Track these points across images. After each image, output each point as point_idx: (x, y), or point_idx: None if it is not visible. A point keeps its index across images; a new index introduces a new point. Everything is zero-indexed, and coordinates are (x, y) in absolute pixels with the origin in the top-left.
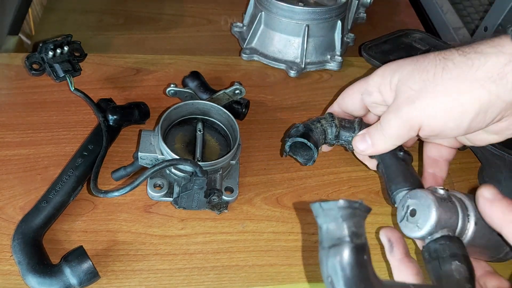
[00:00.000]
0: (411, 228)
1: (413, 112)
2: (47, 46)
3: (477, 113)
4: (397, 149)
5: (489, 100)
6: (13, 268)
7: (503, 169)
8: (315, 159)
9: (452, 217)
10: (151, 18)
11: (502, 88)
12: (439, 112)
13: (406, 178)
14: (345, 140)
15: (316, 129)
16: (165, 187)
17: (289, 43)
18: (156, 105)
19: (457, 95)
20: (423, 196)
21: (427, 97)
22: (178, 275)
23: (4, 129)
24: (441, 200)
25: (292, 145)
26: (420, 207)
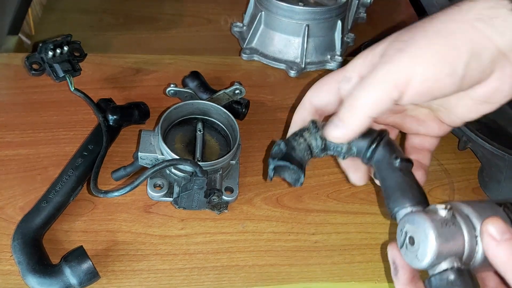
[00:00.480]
0: (411, 258)
1: (403, 60)
2: (47, 46)
3: (471, 55)
4: (393, 157)
5: (481, 41)
6: (13, 268)
7: (503, 169)
8: (302, 182)
9: (456, 244)
10: (151, 18)
11: (494, 30)
12: (431, 56)
13: (404, 193)
14: (334, 150)
15: (299, 145)
16: (165, 187)
17: (289, 43)
18: (156, 105)
19: (448, 35)
20: (420, 222)
21: (419, 41)
22: (178, 275)
23: (4, 129)
24: (442, 224)
25: (277, 167)
26: (418, 235)
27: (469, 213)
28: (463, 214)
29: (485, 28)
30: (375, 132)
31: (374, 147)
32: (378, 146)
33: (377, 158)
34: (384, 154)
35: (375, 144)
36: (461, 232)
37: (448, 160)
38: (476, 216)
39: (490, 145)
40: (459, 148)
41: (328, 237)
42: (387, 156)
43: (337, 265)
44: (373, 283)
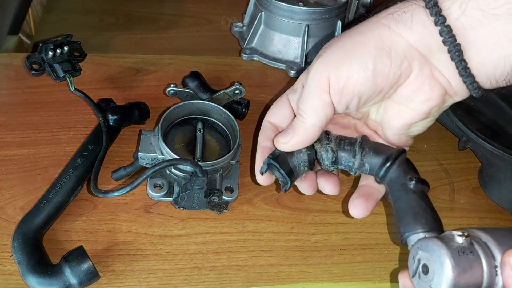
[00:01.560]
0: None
1: (320, 64)
2: (47, 46)
3: (380, 50)
4: (408, 178)
5: (391, 37)
6: (13, 268)
7: (503, 169)
8: (287, 189)
9: (474, 274)
10: (151, 18)
11: (402, 26)
12: (342, 56)
13: (417, 217)
14: (345, 165)
15: (298, 153)
16: (165, 187)
17: (289, 43)
18: (156, 105)
19: (358, 35)
20: (435, 249)
21: (331, 46)
22: (178, 275)
23: (4, 129)
24: (459, 253)
25: (269, 164)
26: (432, 264)
27: (487, 241)
28: (481, 242)
29: (392, 24)
30: (392, 150)
31: (388, 165)
32: (393, 165)
33: (391, 177)
34: (398, 174)
35: (389, 163)
36: (479, 261)
37: (448, 160)
38: (495, 245)
39: (490, 145)
40: (459, 148)
41: (328, 237)
42: (401, 176)
43: (337, 265)
44: (373, 283)
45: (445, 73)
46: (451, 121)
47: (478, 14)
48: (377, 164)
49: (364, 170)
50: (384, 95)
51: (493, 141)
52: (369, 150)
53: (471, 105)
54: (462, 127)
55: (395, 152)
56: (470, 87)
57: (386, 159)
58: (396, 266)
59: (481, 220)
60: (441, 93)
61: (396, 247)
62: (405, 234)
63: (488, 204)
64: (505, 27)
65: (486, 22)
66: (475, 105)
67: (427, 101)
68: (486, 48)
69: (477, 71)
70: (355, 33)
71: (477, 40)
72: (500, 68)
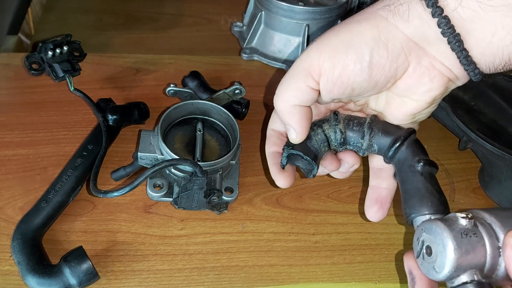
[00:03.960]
0: (428, 269)
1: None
2: (46, 46)
3: (376, 41)
4: (416, 160)
5: (388, 29)
6: (13, 269)
7: (504, 169)
8: (315, 174)
9: (477, 256)
10: (151, 18)
11: (398, 18)
12: (338, 44)
13: (423, 199)
14: (354, 146)
15: (316, 136)
16: (165, 187)
17: (289, 42)
18: (156, 105)
19: (355, 24)
20: (438, 231)
21: (327, 33)
22: (178, 275)
23: (4, 129)
24: (462, 234)
25: (290, 155)
26: (435, 246)
27: (492, 222)
28: (485, 224)
29: (390, 16)
30: (401, 130)
31: (396, 146)
32: (401, 146)
33: (399, 158)
34: (406, 155)
35: (398, 144)
36: (482, 243)
37: (448, 160)
38: (500, 226)
39: (490, 145)
40: (460, 148)
41: (328, 238)
42: (409, 158)
43: (337, 265)
44: (373, 284)
45: (446, 63)
46: (452, 121)
47: (475, 5)
48: (386, 145)
49: (373, 150)
50: (380, 89)
51: (493, 141)
52: (378, 131)
53: (471, 105)
54: (462, 127)
55: (404, 133)
56: (471, 74)
57: (395, 140)
58: (397, 266)
59: None
60: (442, 82)
61: (396, 248)
62: (411, 216)
63: (489, 204)
64: (502, 18)
65: (483, 13)
66: (476, 105)
67: (429, 92)
68: (484, 39)
69: (477, 59)
70: (352, 22)
71: (475, 32)
72: (498, 57)
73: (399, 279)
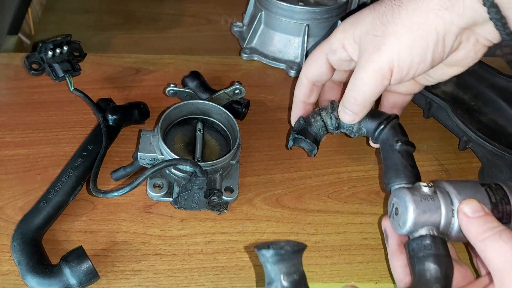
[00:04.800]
0: (396, 225)
1: (383, 57)
2: (46, 46)
3: (436, 42)
4: (395, 140)
5: (444, 27)
6: (13, 268)
7: (504, 169)
8: (316, 153)
9: (433, 216)
10: (151, 18)
11: (455, 14)
12: (404, 49)
13: (397, 172)
14: (346, 129)
15: (315, 122)
16: (165, 187)
17: (289, 42)
18: (156, 105)
19: (416, 29)
20: (402, 196)
21: (391, 39)
22: (178, 275)
23: (4, 129)
24: (421, 198)
25: (295, 139)
26: (401, 207)
27: (449, 190)
28: (444, 191)
29: (446, 15)
30: (385, 115)
31: (381, 129)
32: (384, 129)
33: (382, 138)
34: (388, 136)
35: (382, 127)
36: (438, 205)
37: (448, 160)
38: (455, 194)
39: (490, 145)
40: (460, 148)
41: (328, 237)
42: (390, 138)
43: (337, 265)
44: (373, 284)
45: (490, 37)
46: (452, 121)
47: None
48: (372, 128)
49: (362, 132)
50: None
51: (493, 141)
52: (366, 116)
53: (471, 105)
54: (462, 127)
55: (387, 118)
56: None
57: (379, 124)
58: None
59: None
60: (484, 51)
61: None
62: (388, 185)
63: None
64: None
65: None
66: (476, 105)
67: (472, 61)
68: None
69: None
70: (413, 25)
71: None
72: None
73: None
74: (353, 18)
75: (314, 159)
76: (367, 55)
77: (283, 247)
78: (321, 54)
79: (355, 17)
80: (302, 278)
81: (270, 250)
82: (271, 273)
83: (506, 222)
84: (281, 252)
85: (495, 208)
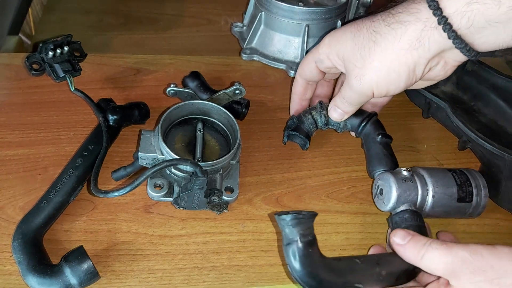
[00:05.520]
0: (380, 203)
1: (364, 86)
2: (47, 46)
3: (408, 74)
4: (376, 134)
5: (414, 61)
6: (13, 268)
7: (503, 169)
8: (307, 147)
9: (411, 194)
10: (151, 18)
11: (422, 50)
12: (381, 81)
13: (380, 161)
14: (334, 125)
15: (307, 120)
16: (165, 187)
17: (289, 43)
18: (156, 105)
19: (389, 64)
20: (387, 179)
21: (369, 72)
22: (178, 275)
23: (4, 129)
24: (402, 181)
25: (289, 135)
26: (385, 188)
27: (424, 174)
28: (420, 175)
29: (416, 53)
30: (366, 113)
31: (363, 125)
32: (367, 125)
33: (365, 132)
34: (370, 130)
35: (364, 123)
36: (415, 186)
37: (448, 160)
38: (429, 176)
39: (490, 145)
40: (459, 148)
41: (328, 237)
42: (371, 132)
43: None
44: None
45: (457, 59)
46: (451, 121)
47: (483, 23)
48: (356, 124)
49: (347, 128)
50: None
51: (493, 141)
52: None
53: (471, 105)
54: (462, 127)
55: (368, 115)
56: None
57: (362, 120)
58: None
59: (481, 220)
60: (452, 69)
61: None
62: (373, 171)
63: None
64: (505, 26)
65: (489, 26)
66: (475, 105)
67: (442, 77)
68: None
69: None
70: (386, 61)
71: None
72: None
73: None
74: (337, 35)
75: (314, 159)
76: (351, 79)
77: (300, 212)
78: (311, 61)
79: (338, 36)
80: (314, 240)
81: (290, 215)
82: (289, 235)
83: (469, 201)
84: (299, 216)
85: (460, 189)
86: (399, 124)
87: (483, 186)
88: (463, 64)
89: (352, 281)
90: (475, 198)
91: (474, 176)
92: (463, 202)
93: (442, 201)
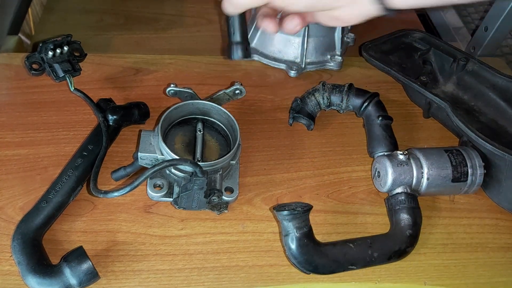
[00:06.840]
0: (378, 185)
1: None
2: (47, 46)
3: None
4: (377, 115)
5: None
6: (13, 269)
7: (504, 169)
8: (312, 128)
9: (406, 177)
10: (151, 18)
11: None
12: None
13: (380, 142)
14: (336, 106)
15: (311, 102)
16: (165, 187)
17: (289, 43)
18: (156, 105)
19: None
20: (383, 162)
21: None
22: (178, 275)
23: (4, 129)
24: (398, 164)
25: (294, 117)
26: (382, 171)
27: (420, 157)
28: (416, 158)
29: None
30: (369, 93)
31: (365, 105)
32: (369, 105)
33: (366, 113)
34: (371, 111)
35: (366, 103)
36: (411, 169)
37: None
38: (424, 159)
39: (490, 145)
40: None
41: (328, 237)
42: (372, 114)
43: None
44: (373, 284)
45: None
46: (452, 121)
47: None
48: (358, 105)
49: (349, 109)
50: None
51: (493, 141)
52: (352, 95)
53: (471, 105)
54: (462, 127)
55: (370, 96)
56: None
57: (364, 101)
58: (397, 266)
59: (481, 220)
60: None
61: None
62: (372, 153)
63: (488, 204)
64: None
65: None
66: (476, 105)
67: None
68: None
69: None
70: None
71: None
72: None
73: (399, 279)
74: None
75: (314, 159)
76: None
77: (296, 208)
78: None
79: None
80: (310, 231)
81: (286, 211)
82: (287, 228)
83: (463, 180)
84: (294, 212)
85: (455, 170)
86: (400, 124)
87: (479, 165)
88: (463, 64)
89: (346, 264)
90: (470, 177)
91: (471, 155)
92: (457, 182)
93: (436, 181)
